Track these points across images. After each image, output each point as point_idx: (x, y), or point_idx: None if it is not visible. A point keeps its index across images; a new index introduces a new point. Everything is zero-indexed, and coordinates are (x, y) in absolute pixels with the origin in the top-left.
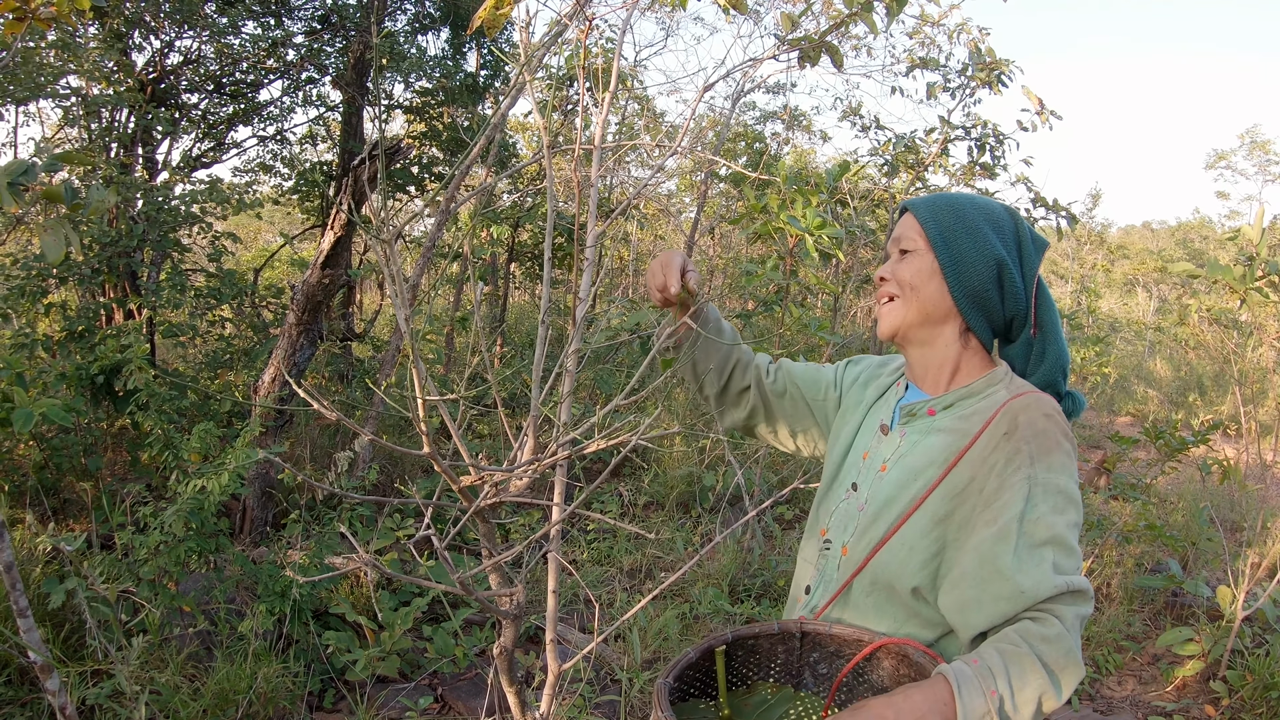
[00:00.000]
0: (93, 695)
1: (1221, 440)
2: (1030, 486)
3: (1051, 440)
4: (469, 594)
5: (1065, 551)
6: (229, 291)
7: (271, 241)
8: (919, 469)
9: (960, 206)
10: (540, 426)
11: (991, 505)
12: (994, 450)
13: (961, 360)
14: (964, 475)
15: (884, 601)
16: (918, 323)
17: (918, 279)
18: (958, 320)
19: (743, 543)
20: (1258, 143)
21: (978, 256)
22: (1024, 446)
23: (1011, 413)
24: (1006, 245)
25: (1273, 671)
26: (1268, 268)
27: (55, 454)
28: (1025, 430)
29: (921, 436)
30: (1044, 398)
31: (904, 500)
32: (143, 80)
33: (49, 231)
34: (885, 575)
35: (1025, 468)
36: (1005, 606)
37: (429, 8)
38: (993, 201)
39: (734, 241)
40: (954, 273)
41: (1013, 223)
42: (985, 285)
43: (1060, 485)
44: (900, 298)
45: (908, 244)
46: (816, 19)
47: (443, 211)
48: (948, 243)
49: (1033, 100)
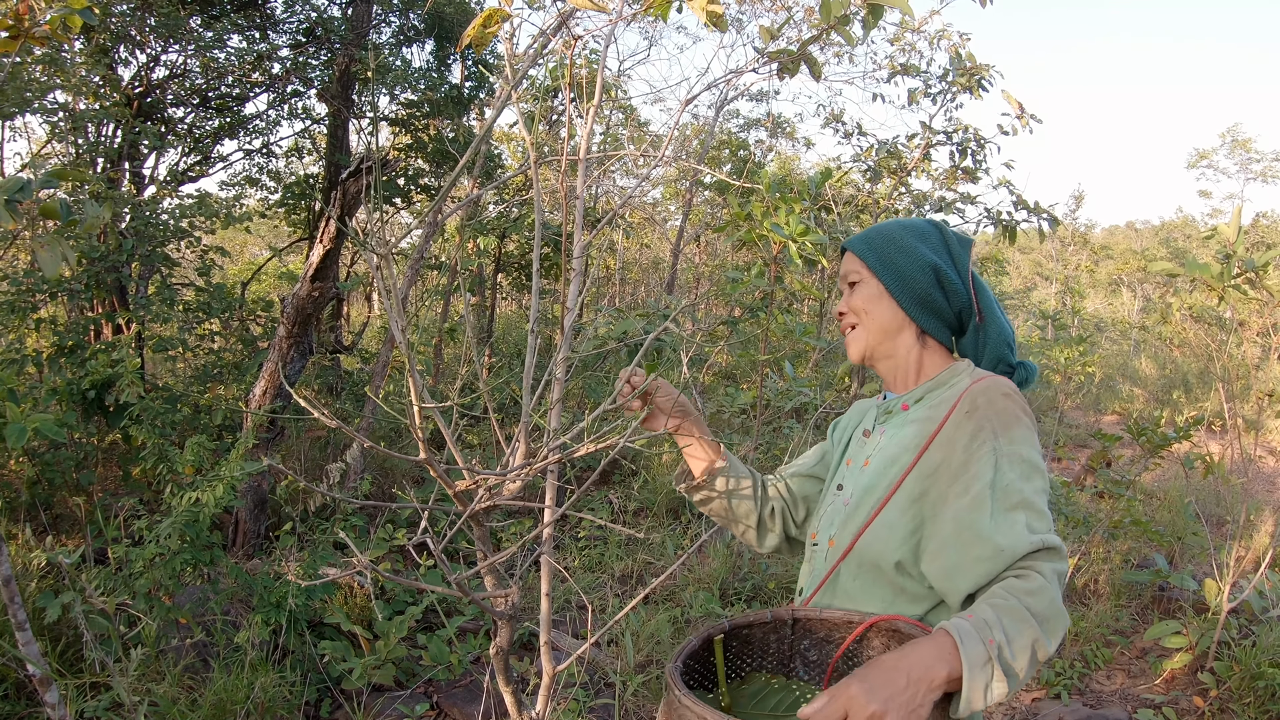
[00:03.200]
0: (91, 708)
1: (1206, 436)
2: (997, 457)
3: (1011, 415)
4: (466, 595)
5: (1036, 514)
6: (218, 305)
7: (258, 255)
8: (895, 456)
9: (888, 231)
10: (531, 433)
11: (961, 477)
12: (958, 429)
13: (924, 359)
14: (935, 456)
15: (871, 582)
16: (879, 340)
17: (869, 303)
18: (912, 327)
19: (733, 547)
20: (1239, 141)
21: (914, 268)
22: (986, 423)
23: (972, 395)
24: (937, 251)
25: (1259, 662)
26: (1244, 265)
27: (47, 469)
28: (986, 409)
29: (898, 429)
30: (1000, 379)
31: (883, 485)
32: (129, 95)
33: (46, 248)
34: (870, 555)
35: (990, 441)
36: (988, 566)
37: (414, 20)
38: (917, 220)
39: (720, 249)
40: (898, 287)
41: (938, 231)
42: (928, 289)
43: (1024, 455)
44: (860, 324)
45: (853, 276)
46: (798, 27)
47: (430, 224)
48: (885, 264)
49: (1013, 104)
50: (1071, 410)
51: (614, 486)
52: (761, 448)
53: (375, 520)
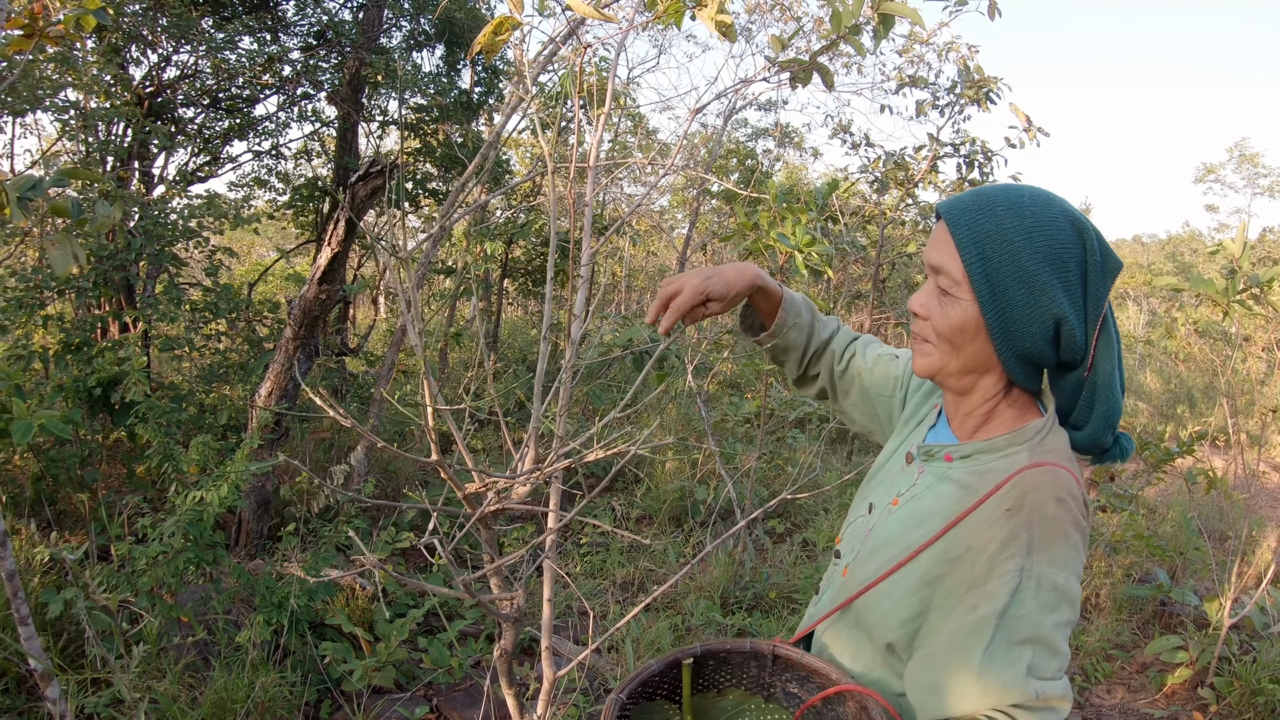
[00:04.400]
0: (91, 704)
1: (1210, 451)
2: (1021, 579)
3: (1058, 529)
4: (472, 597)
5: (1047, 652)
6: (225, 306)
7: (264, 256)
8: (923, 518)
9: (1014, 244)
10: (539, 439)
11: (976, 589)
12: (994, 524)
13: (996, 410)
14: (962, 542)
15: (861, 644)
16: (957, 372)
17: (959, 337)
18: (1000, 373)
19: (734, 555)
20: (1246, 156)
21: (1033, 317)
22: (1023, 533)
23: (1021, 487)
24: (1070, 291)
25: (1259, 678)
26: (1249, 281)
27: (52, 465)
28: (1031, 513)
29: (935, 481)
30: (1062, 475)
31: (901, 545)
32: (140, 94)
33: (56, 246)
34: (866, 621)
35: (1020, 557)
36: (965, 703)
37: (424, 25)
38: (1055, 220)
39: (726, 257)
40: (1003, 335)
41: (1080, 251)
42: (1039, 346)
43: (1056, 582)
44: (937, 347)
45: (947, 284)
46: (808, 36)
47: (439, 228)
48: (997, 297)
49: (1021, 117)
50: None
51: (617, 494)
52: (765, 457)
53: (378, 523)
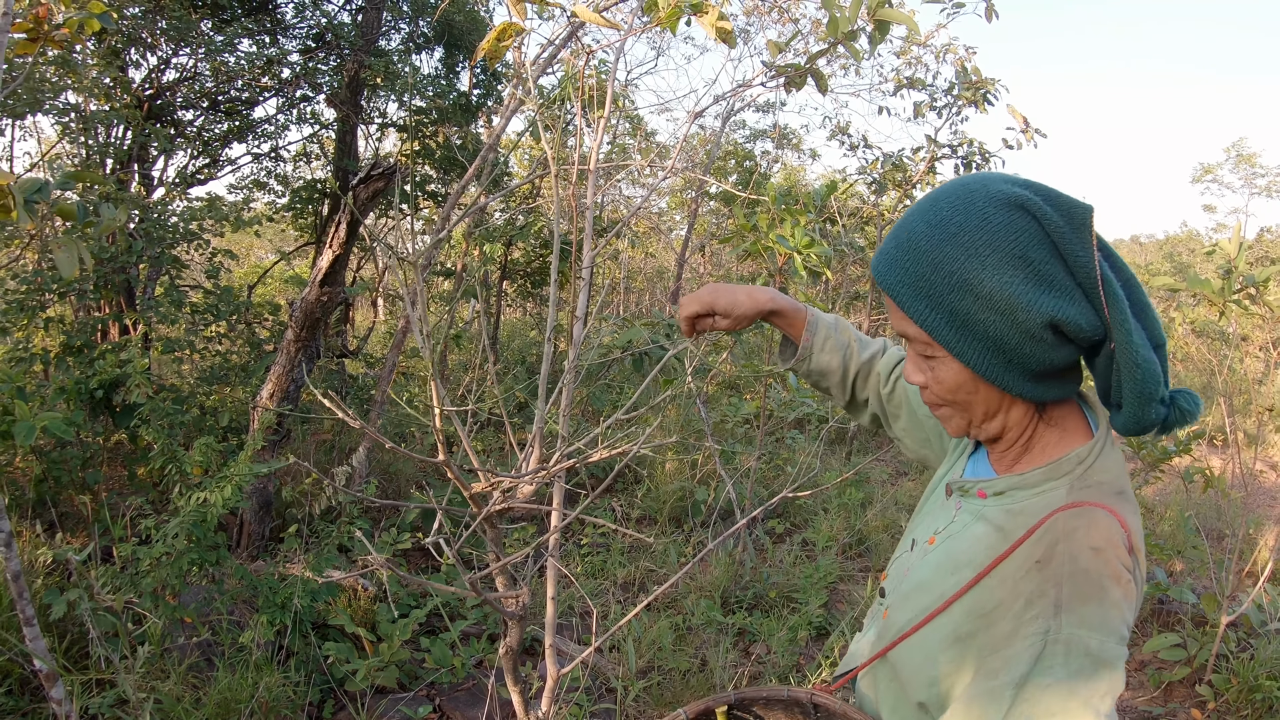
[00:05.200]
0: (96, 704)
1: (1208, 451)
2: (1045, 644)
3: (1092, 584)
4: (479, 595)
5: None
6: (225, 308)
7: (264, 258)
8: (958, 563)
9: (954, 270)
10: (543, 439)
11: (999, 651)
12: (1024, 577)
13: (1034, 438)
14: (994, 595)
15: (899, 698)
16: (982, 421)
17: (961, 393)
18: (1024, 402)
19: (734, 555)
20: (1243, 156)
21: (1022, 336)
22: (1051, 590)
23: (1053, 534)
24: (1047, 280)
25: (1257, 675)
26: (1245, 280)
27: (54, 467)
28: (1061, 566)
29: (971, 520)
30: (1101, 518)
31: (935, 593)
32: (139, 97)
33: (63, 249)
34: (901, 673)
35: (1046, 618)
36: None
37: (423, 28)
38: (987, 214)
39: (725, 259)
40: (1002, 369)
41: (1035, 228)
42: (1047, 357)
43: (1093, 648)
44: (952, 411)
45: (921, 348)
46: (805, 39)
47: (439, 230)
48: (972, 337)
49: (1018, 119)
50: None
51: (617, 495)
52: (764, 457)
53: (379, 525)
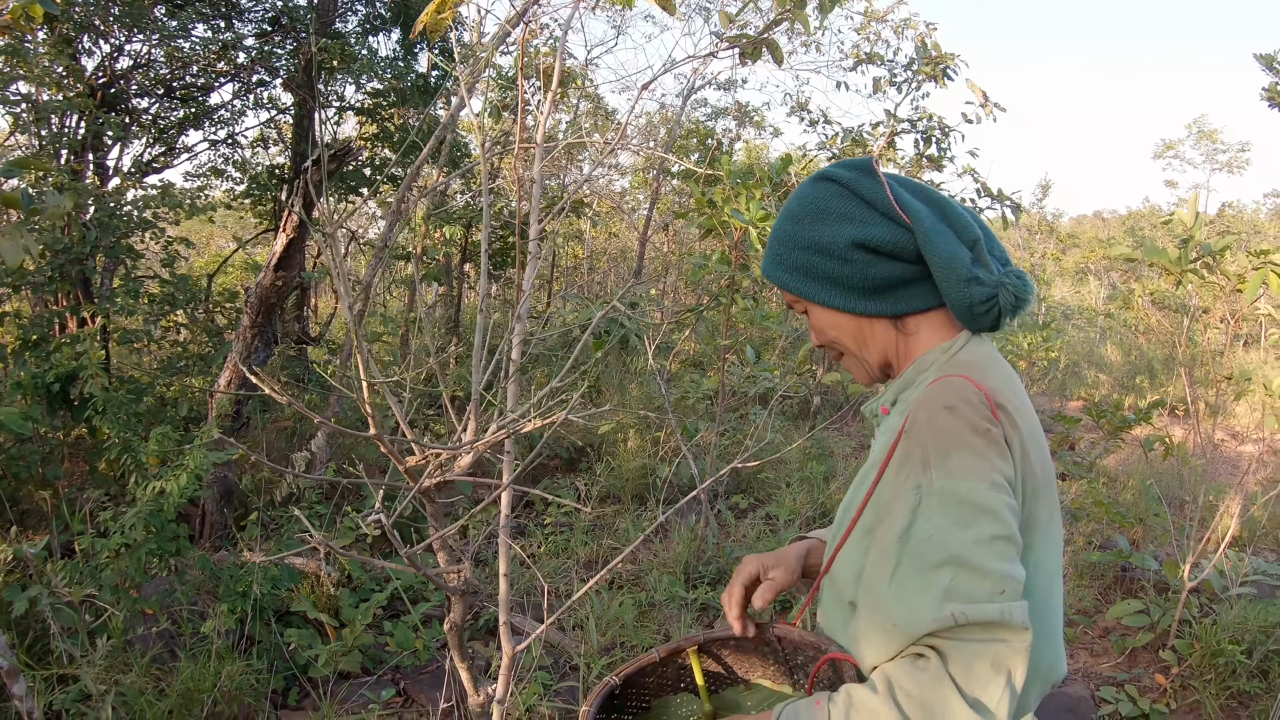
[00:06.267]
0: (59, 700)
1: (1171, 421)
2: (920, 497)
3: (953, 438)
4: (417, 569)
5: (971, 574)
6: (183, 297)
7: (224, 247)
8: (865, 473)
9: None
10: (484, 412)
11: (885, 520)
12: (898, 450)
13: (906, 346)
14: (886, 481)
15: (836, 604)
16: (864, 353)
17: (830, 331)
18: (876, 320)
19: (697, 531)
20: (1204, 132)
21: (837, 264)
22: (916, 450)
23: (915, 407)
24: (849, 216)
25: (1219, 639)
26: (1201, 250)
27: (13, 464)
28: (921, 429)
29: (880, 437)
30: (956, 383)
31: (853, 507)
32: (92, 85)
33: (7, 237)
34: (836, 585)
35: (915, 474)
36: (884, 641)
37: (379, 9)
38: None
39: (687, 237)
40: (835, 295)
41: (834, 187)
42: (866, 273)
43: (961, 493)
44: (840, 349)
45: (799, 309)
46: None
47: (394, 212)
48: (808, 278)
49: (977, 93)
50: (1038, 396)
51: (580, 473)
52: (726, 433)
53: (340, 511)
